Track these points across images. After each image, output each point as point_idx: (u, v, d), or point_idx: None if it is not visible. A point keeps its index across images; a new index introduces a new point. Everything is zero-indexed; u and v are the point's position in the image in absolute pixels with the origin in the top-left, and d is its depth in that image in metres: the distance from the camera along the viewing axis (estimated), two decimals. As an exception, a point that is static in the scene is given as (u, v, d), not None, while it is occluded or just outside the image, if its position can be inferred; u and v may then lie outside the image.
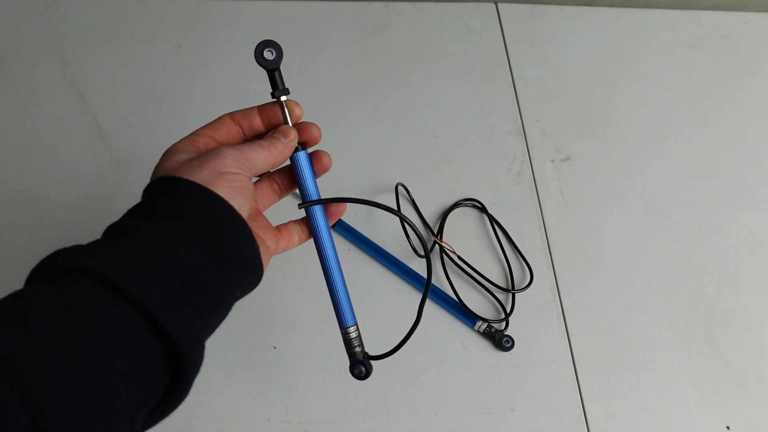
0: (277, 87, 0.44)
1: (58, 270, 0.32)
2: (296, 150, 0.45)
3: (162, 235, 0.35)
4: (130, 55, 0.83)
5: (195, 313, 0.34)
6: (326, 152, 0.47)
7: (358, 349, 0.47)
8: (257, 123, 0.45)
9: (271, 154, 0.42)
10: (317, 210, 0.46)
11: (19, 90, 0.79)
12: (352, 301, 0.47)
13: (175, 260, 0.34)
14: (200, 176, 0.37)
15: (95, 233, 0.36)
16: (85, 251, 0.33)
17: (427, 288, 0.46)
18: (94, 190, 0.72)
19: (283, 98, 0.44)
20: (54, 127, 0.77)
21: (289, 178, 0.48)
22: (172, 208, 0.36)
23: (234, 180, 0.38)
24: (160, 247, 0.34)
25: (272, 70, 0.43)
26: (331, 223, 0.47)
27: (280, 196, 0.49)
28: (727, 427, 0.64)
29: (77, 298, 0.31)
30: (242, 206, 0.38)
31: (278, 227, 0.47)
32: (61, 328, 0.29)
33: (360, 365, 0.47)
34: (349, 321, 0.47)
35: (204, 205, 0.36)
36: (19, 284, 0.32)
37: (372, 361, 0.47)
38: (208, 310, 0.35)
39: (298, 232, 0.47)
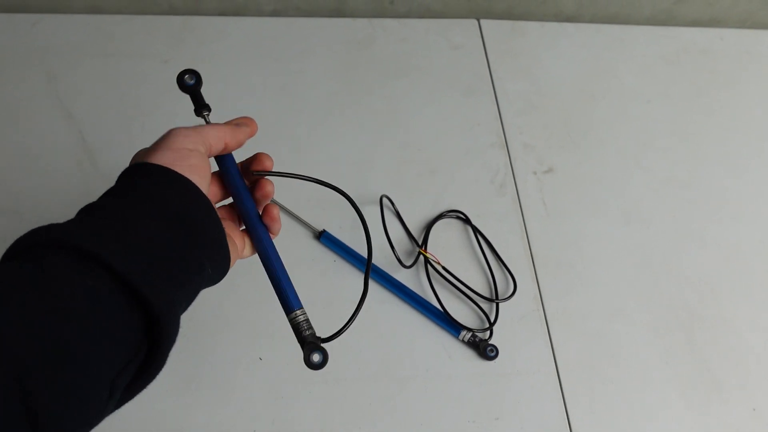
0: (200, 104, 0.48)
1: (34, 246, 0.33)
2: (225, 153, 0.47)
3: (135, 212, 0.36)
4: (117, 71, 0.84)
5: (171, 282, 0.35)
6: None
7: (308, 332, 0.43)
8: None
9: (228, 131, 0.45)
10: (247, 197, 0.47)
11: (5, 105, 0.79)
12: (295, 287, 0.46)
13: (149, 233, 0.36)
14: (161, 159, 0.39)
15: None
16: (61, 226, 0.34)
17: (369, 258, 0.49)
18: (80, 204, 0.72)
19: (205, 113, 0.48)
20: (40, 142, 0.77)
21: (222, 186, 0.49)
22: (141, 189, 0.38)
23: (189, 157, 0.40)
24: (134, 222, 0.36)
25: (193, 93, 0.48)
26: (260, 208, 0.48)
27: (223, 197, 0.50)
28: (709, 433, 0.64)
29: (54, 270, 0.31)
30: (200, 183, 0.40)
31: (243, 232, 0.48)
32: (41, 299, 0.30)
33: (318, 351, 0.42)
34: (295, 304, 0.45)
35: (169, 186, 0.39)
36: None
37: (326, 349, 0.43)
38: (181, 282, 0.36)
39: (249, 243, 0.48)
